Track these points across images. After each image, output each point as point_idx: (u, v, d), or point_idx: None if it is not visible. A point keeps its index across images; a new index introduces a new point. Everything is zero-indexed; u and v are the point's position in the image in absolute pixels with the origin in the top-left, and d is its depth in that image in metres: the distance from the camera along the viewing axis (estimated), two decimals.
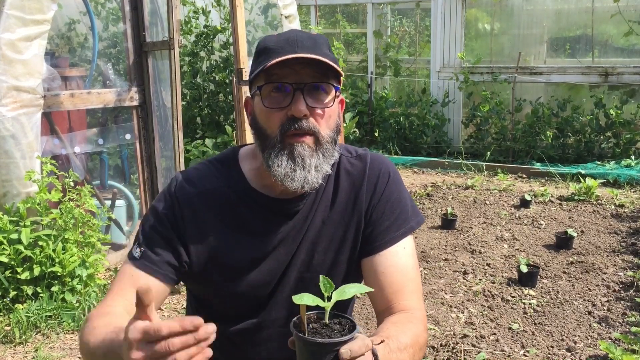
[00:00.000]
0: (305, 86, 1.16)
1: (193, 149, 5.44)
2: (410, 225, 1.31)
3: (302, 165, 1.17)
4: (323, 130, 1.19)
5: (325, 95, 1.19)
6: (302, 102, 1.15)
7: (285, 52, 1.15)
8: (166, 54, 3.81)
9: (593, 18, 7.07)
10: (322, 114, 1.18)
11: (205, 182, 1.28)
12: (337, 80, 1.22)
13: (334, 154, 1.23)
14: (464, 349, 2.77)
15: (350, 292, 0.96)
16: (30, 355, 2.81)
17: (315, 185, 1.19)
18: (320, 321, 0.96)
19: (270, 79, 1.17)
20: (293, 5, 5.00)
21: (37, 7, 3.19)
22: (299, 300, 0.91)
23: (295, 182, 1.17)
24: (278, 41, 1.18)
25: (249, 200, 1.27)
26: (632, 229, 4.46)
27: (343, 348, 0.90)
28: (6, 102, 3.12)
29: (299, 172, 1.17)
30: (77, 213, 3.25)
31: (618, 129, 6.62)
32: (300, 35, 1.19)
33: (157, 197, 1.31)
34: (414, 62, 8.76)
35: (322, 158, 1.19)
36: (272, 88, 1.17)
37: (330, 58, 1.18)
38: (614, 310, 3.16)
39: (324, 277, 0.97)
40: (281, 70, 1.15)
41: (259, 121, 1.21)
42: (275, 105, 1.17)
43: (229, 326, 1.31)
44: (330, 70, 1.17)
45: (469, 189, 5.78)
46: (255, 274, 1.27)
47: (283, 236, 1.27)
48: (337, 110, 1.23)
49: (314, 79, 1.17)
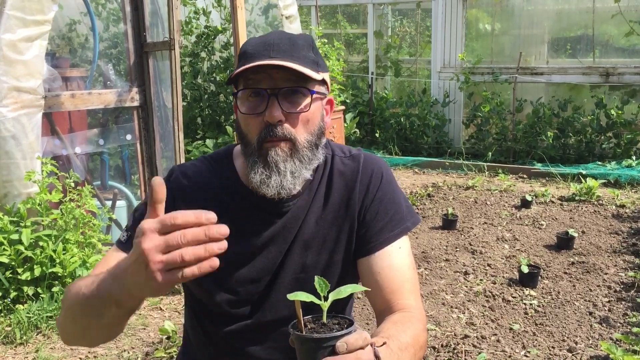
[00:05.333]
0: (279, 91, 1.15)
1: (194, 150, 5.43)
2: (406, 225, 1.31)
3: (276, 170, 1.16)
4: (301, 136, 1.18)
5: (303, 98, 1.18)
6: (276, 107, 1.14)
7: (260, 57, 1.14)
8: (167, 55, 3.81)
9: (594, 18, 7.07)
10: (299, 118, 1.17)
11: (198, 177, 1.29)
12: (321, 83, 1.20)
13: (315, 158, 1.22)
14: (465, 350, 2.76)
15: (346, 291, 0.97)
16: (31, 356, 2.81)
17: (293, 191, 1.19)
18: (318, 321, 0.97)
19: (247, 84, 1.16)
20: (294, 5, 5.00)
21: (38, 7, 3.19)
22: (293, 297, 0.92)
23: (270, 189, 1.17)
24: (256, 45, 1.18)
25: (239, 197, 1.27)
26: (633, 229, 4.45)
27: (339, 341, 0.90)
28: (7, 103, 3.13)
29: (274, 178, 1.16)
30: (77, 213, 3.25)
31: (619, 129, 6.61)
32: (279, 37, 1.18)
33: None
34: (414, 62, 8.76)
35: (299, 164, 1.18)
36: (250, 93, 1.17)
37: (308, 60, 1.17)
38: (615, 311, 3.15)
39: (319, 278, 0.97)
40: (256, 75, 1.14)
41: (241, 126, 1.21)
42: (252, 110, 1.17)
43: (225, 327, 1.31)
44: (304, 72, 1.15)
45: (470, 190, 5.78)
46: (245, 271, 1.27)
47: (273, 235, 1.27)
48: (318, 113, 1.22)
49: (290, 83, 1.15)
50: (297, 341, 0.94)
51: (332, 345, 0.90)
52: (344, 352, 0.89)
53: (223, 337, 1.33)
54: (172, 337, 2.92)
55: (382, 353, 0.98)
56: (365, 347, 0.92)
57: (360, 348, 0.91)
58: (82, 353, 2.85)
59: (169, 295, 3.49)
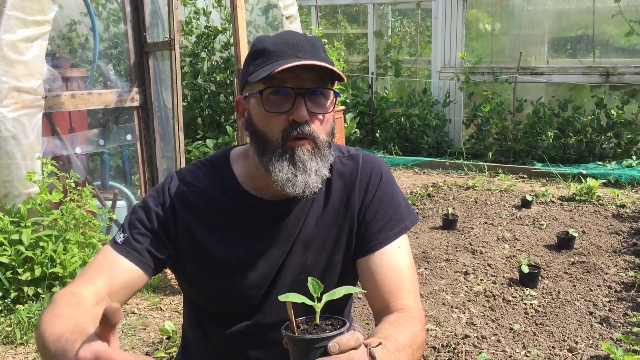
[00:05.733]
0: (306, 91, 1.16)
1: (194, 150, 5.44)
2: (405, 224, 1.31)
3: (303, 169, 1.17)
4: (321, 135, 1.19)
5: (325, 100, 1.20)
6: (303, 107, 1.15)
7: (286, 56, 1.15)
8: (167, 55, 3.81)
9: (594, 18, 7.07)
10: (322, 119, 1.19)
11: (197, 184, 1.29)
12: (333, 84, 1.22)
13: (330, 158, 1.23)
14: (465, 350, 2.76)
15: (340, 292, 0.97)
16: (32, 356, 2.81)
17: (315, 189, 1.19)
18: (311, 322, 0.97)
19: (271, 82, 1.16)
20: (294, 5, 5.00)
21: (38, 8, 3.19)
22: (284, 298, 0.92)
23: (297, 188, 1.17)
24: (276, 43, 1.18)
25: (239, 202, 1.27)
26: (634, 229, 4.45)
27: (331, 342, 0.90)
28: (7, 103, 3.13)
29: (301, 177, 1.17)
30: (78, 214, 3.25)
31: (619, 129, 6.61)
32: (298, 38, 1.19)
33: (150, 191, 1.31)
34: (414, 62, 8.76)
35: (321, 162, 1.19)
36: (272, 91, 1.17)
37: (328, 62, 1.19)
38: (615, 311, 3.15)
39: (312, 279, 0.98)
40: (282, 74, 1.14)
41: (257, 124, 1.20)
42: (276, 109, 1.17)
43: (225, 328, 1.31)
44: (327, 75, 1.17)
45: (470, 190, 5.78)
46: (246, 276, 1.27)
47: (275, 238, 1.27)
48: (332, 115, 1.24)
49: (315, 84, 1.17)
50: (289, 342, 0.94)
51: (324, 346, 0.90)
52: (336, 352, 0.89)
53: (222, 338, 1.32)
54: (172, 337, 2.92)
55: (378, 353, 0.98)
56: (358, 347, 0.92)
57: (352, 348, 0.91)
58: None
59: (169, 295, 3.49)
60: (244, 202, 1.27)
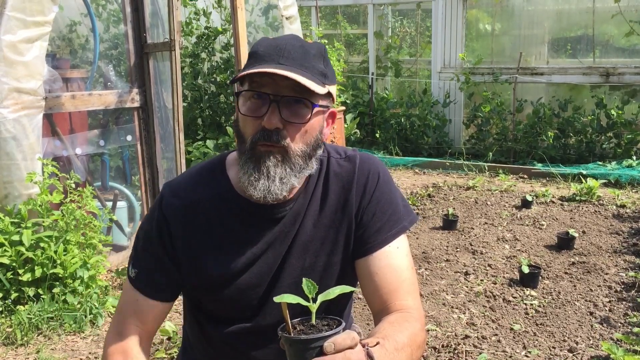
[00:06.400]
0: (282, 99, 1.14)
1: (194, 150, 5.43)
2: (403, 224, 1.30)
3: (266, 175, 1.16)
4: (295, 145, 1.17)
5: (305, 109, 1.16)
6: (275, 114, 1.14)
7: (269, 61, 1.14)
8: (167, 55, 3.82)
9: (594, 18, 7.07)
10: (298, 128, 1.17)
11: (190, 193, 1.28)
12: (327, 95, 1.19)
13: (307, 167, 1.21)
14: (466, 350, 2.76)
15: (334, 292, 0.97)
16: (32, 357, 2.81)
17: (279, 196, 1.18)
18: (307, 323, 0.97)
19: (251, 86, 1.16)
20: (294, 6, 5.00)
21: (38, 8, 3.19)
22: (279, 299, 0.92)
23: (257, 191, 1.17)
24: (268, 47, 1.17)
25: (235, 207, 1.27)
26: (634, 229, 4.45)
27: (327, 342, 0.90)
28: (7, 104, 3.13)
29: (262, 182, 1.16)
30: (78, 214, 3.25)
31: (619, 129, 6.61)
32: (291, 43, 1.17)
33: (146, 215, 1.33)
34: (414, 62, 8.76)
35: (289, 171, 1.18)
36: (253, 94, 1.16)
37: (316, 71, 1.16)
38: (615, 311, 3.15)
39: (306, 280, 0.98)
40: (262, 79, 1.14)
41: (239, 125, 1.21)
42: (251, 113, 1.17)
43: (225, 329, 1.31)
44: (311, 85, 1.14)
45: (470, 190, 5.78)
46: (244, 279, 1.27)
47: (271, 240, 1.27)
48: (317, 125, 1.20)
49: (293, 92, 1.14)
50: (285, 343, 0.94)
51: (320, 346, 0.90)
52: (331, 352, 0.89)
53: (222, 340, 1.33)
54: (173, 338, 2.93)
55: (376, 353, 0.98)
56: (355, 346, 0.92)
57: (349, 347, 0.91)
58: (83, 354, 2.85)
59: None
60: (239, 206, 1.27)
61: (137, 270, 1.28)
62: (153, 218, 1.29)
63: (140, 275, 1.27)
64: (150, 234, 1.28)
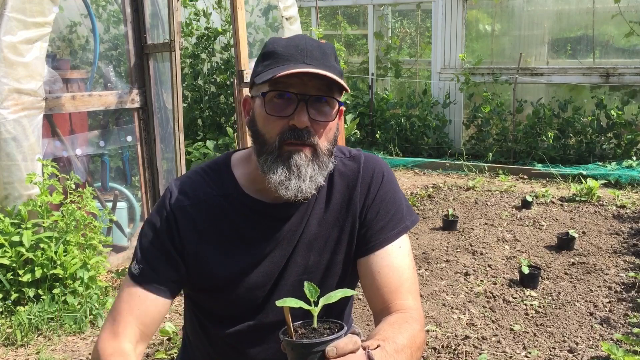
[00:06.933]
0: (309, 98, 1.16)
1: (194, 151, 5.44)
2: (405, 224, 1.31)
3: (297, 174, 1.17)
4: (322, 143, 1.19)
5: (329, 108, 1.20)
6: (304, 113, 1.15)
7: (294, 60, 1.15)
8: (167, 56, 3.82)
9: (594, 19, 7.07)
10: (324, 127, 1.19)
11: (198, 192, 1.29)
12: (340, 93, 1.22)
13: (329, 165, 1.23)
14: (466, 351, 2.76)
15: (336, 296, 0.97)
16: (32, 358, 2.81)
17: (309, 195, 1.20)
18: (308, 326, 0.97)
19: (276, 86, 1.16)
20: (294, 7, 5.00)
21: (38, 9, 3.20)
22: (281, 303, 0.92)
23: (289, 191, 1.18)
24: (287, 47, 1.18)
25: (242, 206, 1.27)
26: (634, 229, 4.45)
27: (329, 346, 0.90)
28: (8, 105, 3.13)
29: (294, 181, 1.17)
30: (78, 215, 3.25)
31: (619, 130, 6.61)
32: (309, 43, 1.19)
33: (153, 210, 1.32)
34: (414, 63, 8.77)
35: (318, 169, 1.19)
36: (276, 94, 1.17)
37: (337, 70, 1.18)
38: (615, 312, 3.15)
39: (308, 283, 0.98)
40: (287, 79, 1.15)
41: (258, 124, 1.21)
42: (277, 112, 1.17)
43: (226, 329, 1.32)
44: (335, 83, 1.17)
45: (470, 190, 5.78)
46: (250, 278, 1.27)
47: (278, 240, 1.28)
48: (337, 123, 1.24)
49: (319, 92, 1.17)
50: (287, 347, 0.94)
51: (322, 350, 0.90)
52: (333, 356, 0.90)
53: (224, 339, 1.33)
54: (173, 339, 2.93)
55: (376, 356, 0.98)
56: (356, 350, 0.92)
57: (350, 352, 0.91)
58: (83, 355, 2.85)
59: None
60: (246, 206, 1.27)
61: (141, 266, 1.26)
62: (161, 213, 1.28)
63: (144, 270, 1.25)
64: (158, 228, 1.27)
